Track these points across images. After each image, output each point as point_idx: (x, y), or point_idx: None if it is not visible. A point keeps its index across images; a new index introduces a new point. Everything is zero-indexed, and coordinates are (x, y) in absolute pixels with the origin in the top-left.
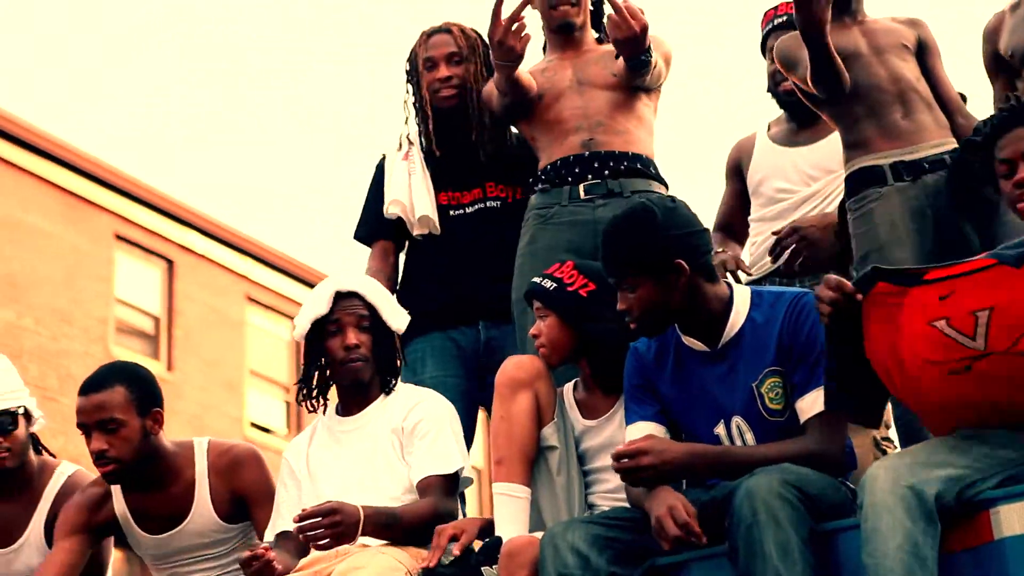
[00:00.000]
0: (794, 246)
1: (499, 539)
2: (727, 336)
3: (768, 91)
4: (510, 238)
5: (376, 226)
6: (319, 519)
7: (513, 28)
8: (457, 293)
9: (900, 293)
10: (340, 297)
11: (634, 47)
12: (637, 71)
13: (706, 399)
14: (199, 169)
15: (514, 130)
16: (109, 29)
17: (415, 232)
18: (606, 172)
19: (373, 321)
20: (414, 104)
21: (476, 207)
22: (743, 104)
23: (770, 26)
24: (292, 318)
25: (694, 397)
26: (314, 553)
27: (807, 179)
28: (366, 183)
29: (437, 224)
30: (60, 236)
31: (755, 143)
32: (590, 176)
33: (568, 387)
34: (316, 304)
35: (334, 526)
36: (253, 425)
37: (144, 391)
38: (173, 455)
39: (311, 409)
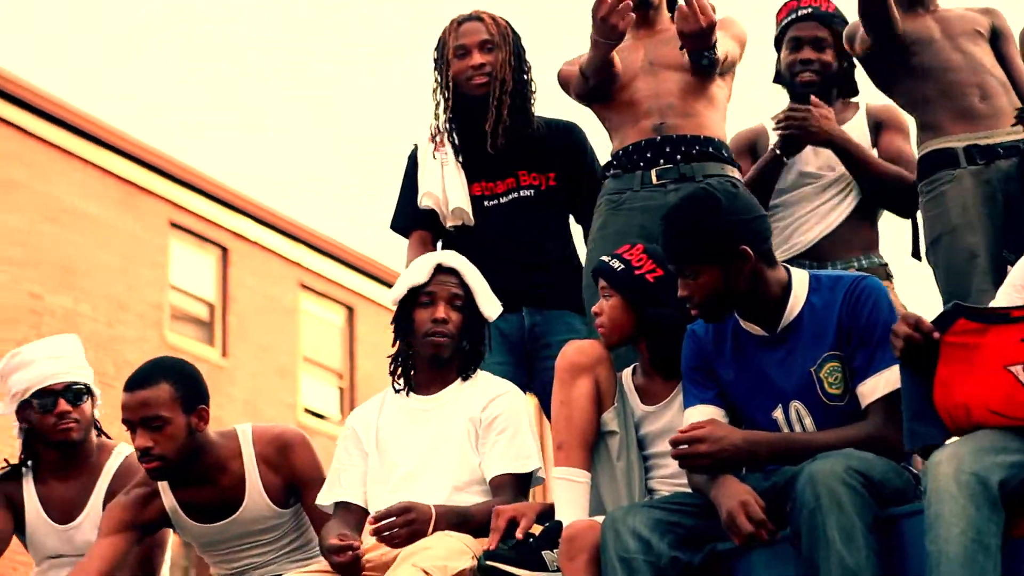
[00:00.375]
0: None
1: (559, 523)
2: (786, 321)
3: (776, 81)
4: (545, 226)
5: (412, 217)
6: (394, 519)
7: (619, 7)
8: (497, 282)
9: (980, 331)
10: (440, 271)
11: (698, 42)
12: (698, 66)
13: (764, 384)
14: (253, 157)
15: (539, 115)
16: (175, 18)
17: (448, 224)
18: (678, 156)
19: (466, 301)
20: (442, 93)
21: (510, 197)
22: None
23: (792, 16)
24: (345, 305)
25: (752, 382)
26: None
27: (831, 164)
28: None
29: (471, 215)
30: (116, 224)
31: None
32: (662, 161)
33: (627, 372)
34: (416, 273)
35: (408, 524)
36: (307, 411)
37: (190, 388)
38: (219, 447)
39: (398, 389)
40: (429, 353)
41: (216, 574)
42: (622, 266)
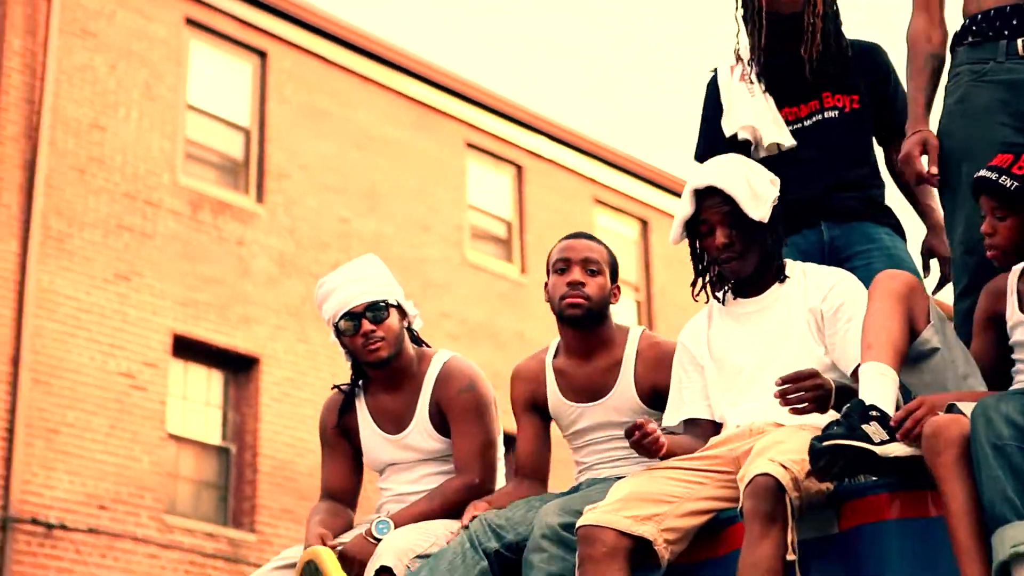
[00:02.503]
0: None
1: (861, 402)
2: None
3: None
4: (848, 149)
5: (715, 145)
6: (804, 382)
7: None
8: (798, 202)
9: None
10: (700, 195)
11: None
12: None
13: None
14: (546, 76)
15: (848, 36)
16: None
17: (760, 156)
18: None
19: (735, 215)
20: (745, 16)
21: (814, 119)
22: None
23: None
24: (639, 219)
25: None
26: (725, 432)
27: None
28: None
29: (788, 142)
30: (415, 146)
31: None
32: None
33: (1015, 273)
34: (682, 205)
35: (815, 389)
36: None
37: (616, 266)
38: (615, 329)
39: (719, 299)
40: (731, 276)
41: (581, 463)
42: (1016, 184)
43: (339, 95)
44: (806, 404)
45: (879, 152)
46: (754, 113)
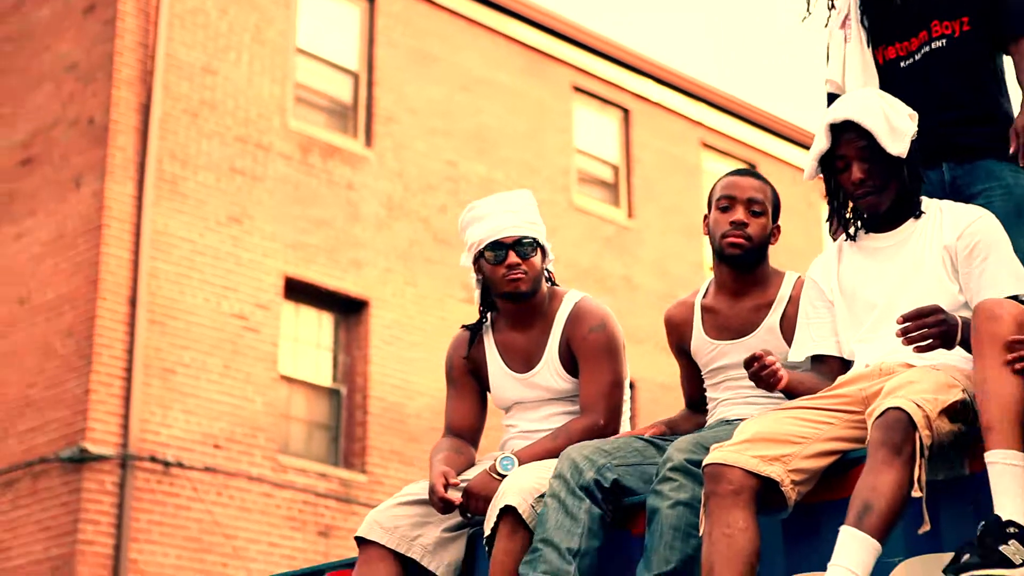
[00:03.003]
0: None
1: (998, 518)
2: None
3: None
4: (963, 76)
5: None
6: (926, 319)
7: None
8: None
9: None
10: (836, 129)
11: None
12: None
13: None
14: (652, 18)
15: None
16: None
17: None
18: None
19: (873, 150)
20: None
21: (923, 52)
22: None
23: None
24: (747, 162)
25: None
26: (853, 371)
27: None
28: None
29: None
30: (522, 90)
31: None
32: None
33: None
34: (817, 140)
35: (939, 325)
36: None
37: (778, 205)
38: (771, 271)
39: (852, 235)
40: (866, 212)
41: (716, 397)
42: None
43: (447, 39)
44: (930, 341)
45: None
46: (843, 62)
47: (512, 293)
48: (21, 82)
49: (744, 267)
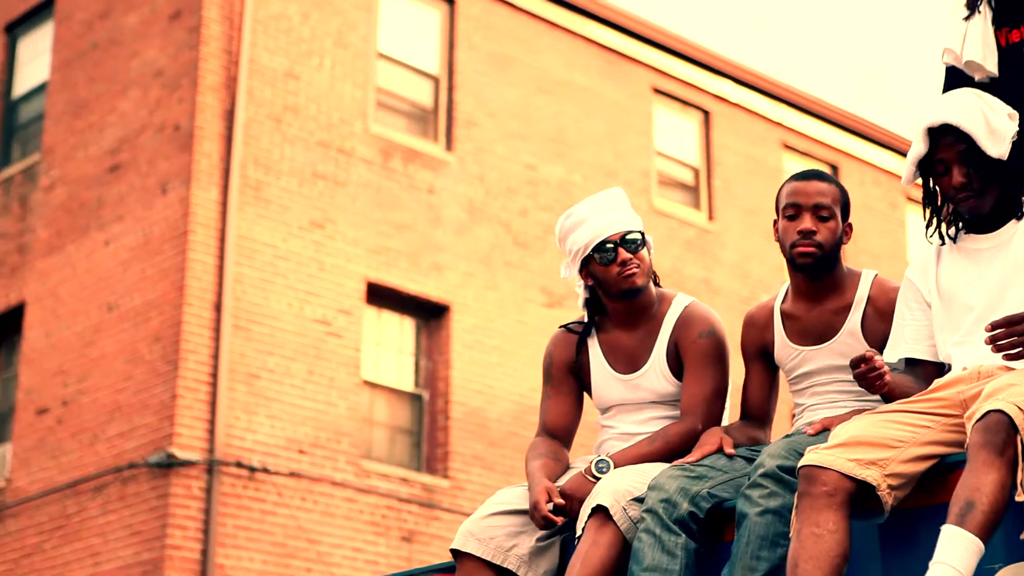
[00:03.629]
0: None
1: None
2: None
3: None
4: None
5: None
6: (1015, 326)
7: None
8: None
9: None
10: (934, 133)
11: None
12: None
13: None
14: (733, 20)
15: None
16: None
17: (977, 78)
18: None
19: (972, 153)
20: None
21: None
22: None
23: None
24: (828, 163)
25: None
26: (951, 374)
27: None
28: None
29: (989, 68)
30: (602, 92)
31: None
32: None
33: None
34: (915, 144)
35: None
36: None
37: (847, 203)
38: (846, 272)
39: (952, 237)
40: (967, 215)
41: (802, 404)
42: None
43: (526, 41)
44: (1020, 349)
45: None
46: (964, 36)
47: (629, 290)
48: (109, 89)
49: (818, 274)
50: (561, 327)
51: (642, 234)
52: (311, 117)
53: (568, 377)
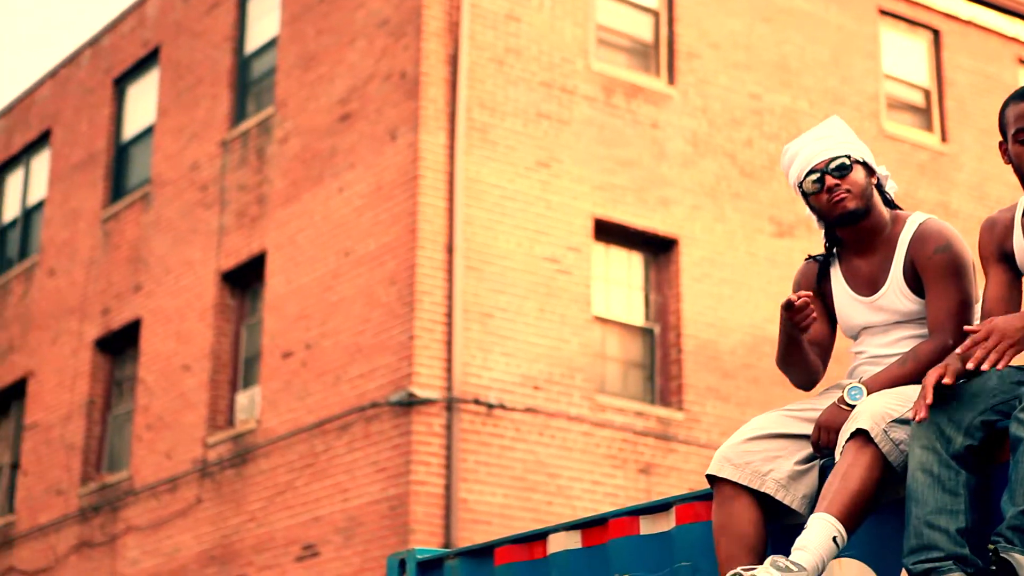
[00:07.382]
0: None
1: None
2: None
3: None
4: None
5: None
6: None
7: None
8: None
9: None
10: None
11: None
12: None
13: None
14: None
15: None
16: None
17: None
18: None
19: None
20: None
21: None
22: None
23: None
24: None
25: None
26: None
27: None
28: None
29: None
30: (825, 17)
31: None
32: None
33: None
34: None
35: None
36: None
37: None
38: None
39: None
40: None
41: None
42: None
43: None
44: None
45: None
46: None
47: (842, 214)
48: (336, 40)
49: None
50: (808, 257)
51: (850, 156)
52: (533, 58)
53: (815, 300)
